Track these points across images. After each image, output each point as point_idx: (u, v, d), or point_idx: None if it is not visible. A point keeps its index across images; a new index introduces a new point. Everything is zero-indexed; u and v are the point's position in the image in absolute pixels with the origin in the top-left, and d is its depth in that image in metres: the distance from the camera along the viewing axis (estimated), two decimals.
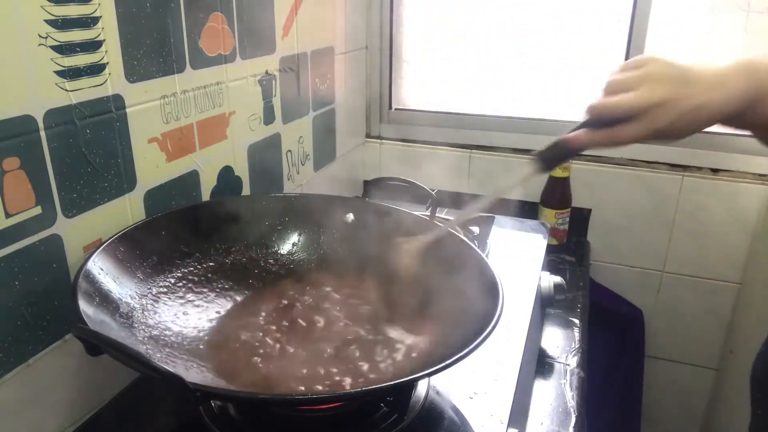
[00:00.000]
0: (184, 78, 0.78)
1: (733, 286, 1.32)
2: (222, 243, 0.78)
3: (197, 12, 0.79)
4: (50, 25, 0.58)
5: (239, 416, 0.62)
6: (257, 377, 0.61)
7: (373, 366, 0.63)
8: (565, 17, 1.30)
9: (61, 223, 0.62)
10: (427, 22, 1.40)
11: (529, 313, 0.82)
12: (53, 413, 0.65)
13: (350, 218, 0.84)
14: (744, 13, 1.19)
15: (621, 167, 1.32)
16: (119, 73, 0.67)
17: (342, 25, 1.23)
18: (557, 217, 1.27)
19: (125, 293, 0.63)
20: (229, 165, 0.90)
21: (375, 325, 0.70)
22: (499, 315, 0.58)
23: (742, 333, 1.30)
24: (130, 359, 0.46)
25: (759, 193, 1.24)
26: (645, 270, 1.38)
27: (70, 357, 0.65)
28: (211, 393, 0.51)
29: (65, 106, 0.61)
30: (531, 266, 0.96)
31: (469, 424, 0.63)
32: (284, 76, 1.02)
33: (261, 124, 0.98)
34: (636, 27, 1.24)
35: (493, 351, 0.73)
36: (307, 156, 1.15)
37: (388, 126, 1.48)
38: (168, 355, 0.61)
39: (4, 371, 0.59)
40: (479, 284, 0.66)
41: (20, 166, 0.57)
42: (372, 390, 0.57)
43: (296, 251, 0.83)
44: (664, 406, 1.47)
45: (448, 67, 1.42)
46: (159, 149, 0.76)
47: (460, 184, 1.43)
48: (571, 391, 0.85)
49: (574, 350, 0.95)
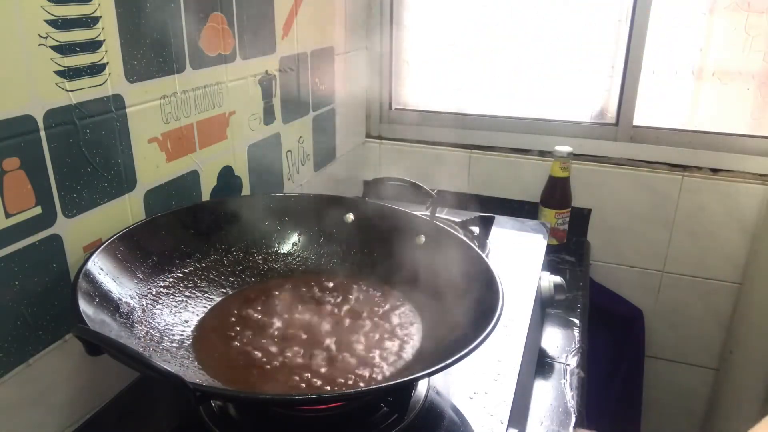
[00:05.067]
0: (184, 78, 0.78)
1: (733, 286, 1.32)
2: (222, 243, 0.78)
3: (197, 12, 0.78)
4: (50, 25, 0.58)
5: (239, 416, 0.62)
6: (258, 377, 0.61)
7: (373, 366, 0.63)
8: (565, 17, 1.30)
9: (61, 223, 0.62)
10: (428, 23, 1.41)
11: (529, 313, 0.82)
12: (53, 413, 0.65)
13: (350, 218, 0.84)
14: (744, 13, 1.19)
15: (621, 167, 1.32)
16: (119, 73, 0.67)
17: (342, 25, 1.23)
18: (557, 217, 1.27)
19: (125, 293, 0.63)
20: (229, 165, 0.90)
21: (375, 325, 0.70)
22: (499, 315, 0.58)
23: (742, 333, 1.30)
24: (130, 359, 0.46)
25: (759, 193, 1.24)
26: (645, 270, 1.38)
27: (70, 357, 0.65)
28: (211, 393, 0.51)
29: (65, 106, 0.61)
30: (531, 266, 0.96)
31: (469, 424, 0.63)
32: (284, 76, 1.02)
33: (261, 124, 0.98)
34: (636, 27, 1.24)
35: (493, 351, 0.73)
36: (307, 156, 1.15)
37: (388, 126, 1.48)
38: (168, 355, 0.61)
39: (4, 371, 0.59)
40: (479, 284, 0.66)
41: (20, 166, 0.57)
42: (372, 390, 0.57)
43: (296, 251, 0.83)
44: (664, 406, 1.47)
45: (448, 67, 1.42)
46: (159, 149, 0.76)
47: (460, 184, 1.43)
48: (571, 391, 0.85)
49: (574, 350, 0.95)
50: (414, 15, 1.41)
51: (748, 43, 1.20)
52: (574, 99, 1.34)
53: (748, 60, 1.21)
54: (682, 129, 1.29)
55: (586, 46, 1.30)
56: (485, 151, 1.40)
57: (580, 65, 1.32)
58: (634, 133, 1.31)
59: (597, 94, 1.33)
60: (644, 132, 1.31)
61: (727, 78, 1.24)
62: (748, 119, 1.25)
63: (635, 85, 1.27)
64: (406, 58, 1.45)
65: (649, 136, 1.31)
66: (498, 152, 1.39)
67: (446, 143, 1.42)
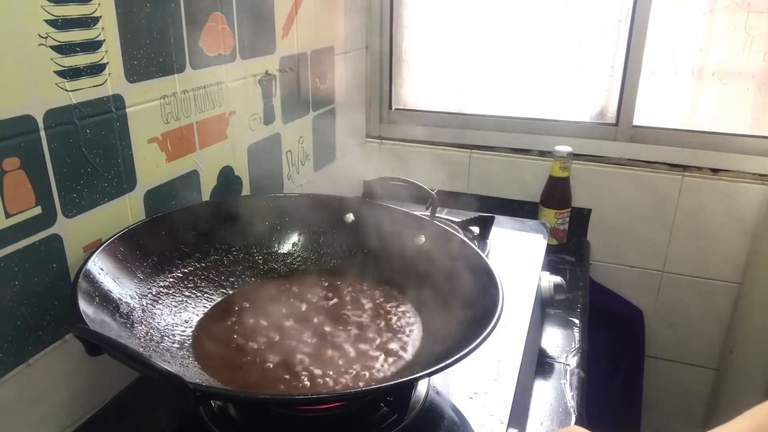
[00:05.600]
0: (184, 78, 0.78)
1: (733, 286, 1.32)
2: (222, 243, 0.78)
3: (197, 12, 0.78)
4: (50, 25, 0.58)
5: (239, 416, 0.62)
6: (258, 377, 0.61)
7: (373, 365, 0.63)
8: (565, 17, 1.30)
9: (61, 223, 0.62)
10: (428, 22, 1.41)
11: (529, 313, 0.82)
12: (53, 413, 0.65)
13: (350, 218, 0.84)
14: (744, 13, 1.19)
15: (621, 167, 1.32)
16: (119, 73, 0.67)
17: (342, 25, 1.23)
18: (557, 217, 1.27)
19: (125, 293, 0.63)
20: (229, 165, 0.90)
21: (375, 325, 0.70)
22: (499, 315, 0.58)
23: (742, 333, 1.30)
24: (130, 359, 0.46)
25: (759, 193, 1.24)
26: (645, 270, 1.38)
27: (70, 357, 0.65)
28: (211, 393, 0.51)
29: (65, 106, 0.61)
30: (531, 266, 0.96)
31: (469, 424, 0.63)
32: (284, 76, 1.02)
33: (261, 124, 0.98)
34: (636, 27, 1.24)
35: (493, 351, 0.73)
36: (307, 156, 1.15)
37: (388, 126, 1.48)
38: (168, 355, 0.61)
39: (4, 371, 0.59)
40: (479, 284, 0.66)
41: (20, 166, 0.57)
42: (372, 390, 0.57)
43: (296, 251, 0.83)
44: (664, 406, 1.47)
45: (448, 67, 1.42)
46: (159, 149, 0.76)
47: (460, 184, 1.44)
48: (571, 391, 0.85)
49: (574, 350, 0.95)
50: (414, 15, 1.41)
51: (748, 43, 1.20)
52: (574, 99, 1.34)
53: (748, 60, 1.21)
54: (682, 129, 1.29)
55: (586, 46, 1.30)
56: (485, 151, 1.40)
57: (580, 65, 1.32)
58: (634, 133, 1.31)
59: (597, 94, 1.33)
60: (644, 132, 1.31)
61: (727, 78, 1.24)
62: (748, 119, 1.25)
63: (635, 85, 1.27)
64: (406, 58, 1.45)
65: (649, 136, 1.31)
66: (498, 152, 1.39)
67: (446, 143, 1.43)
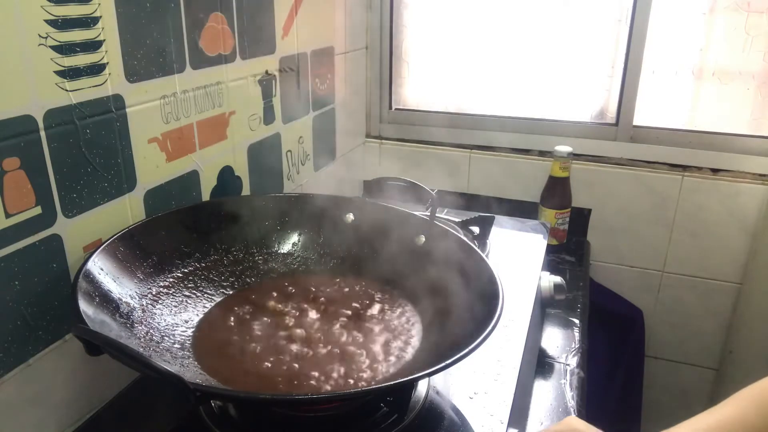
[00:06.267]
0: (184, 78, 0.78)
1: (733, 286, 1.32)
2: (222, 243, 0.78)
3: (197, 12, 0.78)
4: (50, 25, 0.58)
5: (239, 416, 0.62)
6: (258, 377, 0.61)
7: (373, 366, 0.63)
8: (565, 17, 1.30)
9: (61, 223, 0.62)
10: (428, 22, 1.41)
11: (529, 313, 0.82)
12: (53, 413, 0.65)
13: (350, 218, 0.84)
14: (744, 13, 1.19)
15: (621, 167, 1.32)
16: (119, 73, 0.67)
17: (342, 25, 1.23)
18: (557, 217, 1.27)
19: (125, 293, 0.63)
20: (229, 165, 0.90)
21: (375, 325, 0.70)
22: (499, 315, 0.58)
23: (742, 333, 1.30)
24: (130, 359, 0.46)
25: (759, 193, 1.24)
26: (645, 270, 1.38)
27: (70, 357, 0.65)
28: (211, 393, 0.51)
29: (65, 106, 0.61)
30: (531, 266, 0.96)
31: (469, 424, 0.63)
32: (284, 76, 1.02)
33: (261, 124, 0.98)
34: (636, 27, 1.24)
35: (493, 351, 0.73)
36: (307, 156, 1.15)
37: (388, 126, 1.48)
38: (168, 355, 0.61)
39: (4, 371, 0.59)
40: (479, 284, 0.66)
41: (20, 166, 0.57)
42: (372, 390, 0.57)
43: (296, 251, 0.83)
44: (664, 406, 1.47)
45: (448, 67, 1.42)
46: (159, 149, 0.75)
47: (460, 184, 1.44)
48: (571, 391, 0.85)
49: (574, 350, 0.95)
50: (414, 15, 1.41)
51: (748, 43, 1.20)
52: (574, 99, 1.34)
53: (748, 60, 1.21)
54: (682, 129, 1.29)
55: (586, 46, 1.30)
56: (485, 151, 1.40)
57: (580, 65, 1.32)
58: (634, 133, 1.31)
59: (597, 94, 1.33)
60: (644, 132, 1.31)
61: (727, 78, 1.24)
62: (748, 119, 1.25)
63: (635, 85, 1.27)
64: (406, 58, 1.45)
65: (649, 136, 1.31)
66: (498, 152, 1.39)
67: (446, 143, 1.42)
